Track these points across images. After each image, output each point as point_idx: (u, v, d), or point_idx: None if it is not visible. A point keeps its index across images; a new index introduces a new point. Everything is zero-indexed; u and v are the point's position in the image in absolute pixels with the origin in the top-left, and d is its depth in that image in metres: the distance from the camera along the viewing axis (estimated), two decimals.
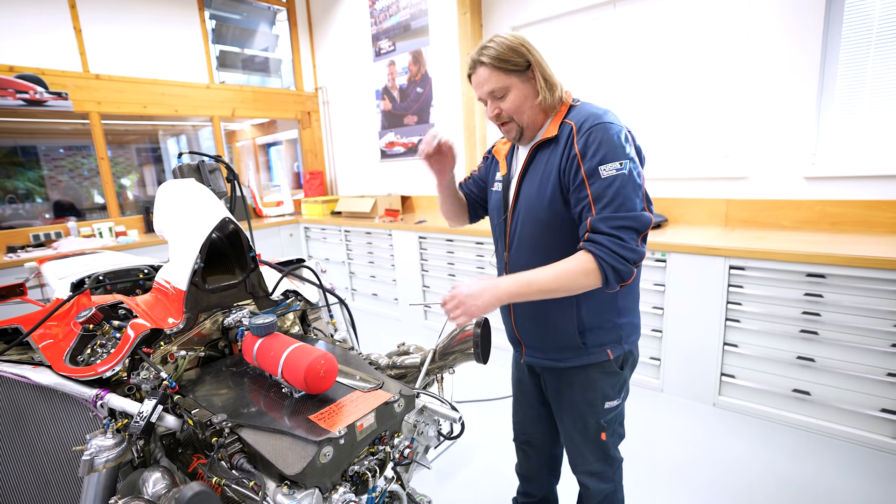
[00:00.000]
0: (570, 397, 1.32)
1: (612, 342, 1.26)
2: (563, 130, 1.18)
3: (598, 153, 1.09)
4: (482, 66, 1.18)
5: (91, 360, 1.08)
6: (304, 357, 0.99)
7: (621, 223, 1.06)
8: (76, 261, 2.04)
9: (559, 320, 1.25)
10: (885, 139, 2.44)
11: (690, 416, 2.47)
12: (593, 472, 1.38)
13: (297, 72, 5.69)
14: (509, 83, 1.17)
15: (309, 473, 0.83)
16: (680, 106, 3.06)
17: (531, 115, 1.21)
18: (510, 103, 1.19)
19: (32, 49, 3.76)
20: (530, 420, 1.53)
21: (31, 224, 4.36)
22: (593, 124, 1.12)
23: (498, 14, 3.83)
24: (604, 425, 1.32)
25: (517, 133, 1.24)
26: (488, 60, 1.16)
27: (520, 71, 1.17)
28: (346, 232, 4.63)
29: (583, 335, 1.24)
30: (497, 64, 1.15)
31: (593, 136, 1.11)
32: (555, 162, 1.17)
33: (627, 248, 1.06)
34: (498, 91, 1.18)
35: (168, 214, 1.35)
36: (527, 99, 1.19)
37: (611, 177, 1.08)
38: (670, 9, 3.00)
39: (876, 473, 1.97)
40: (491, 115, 1.23)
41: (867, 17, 2.40)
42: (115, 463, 0.92)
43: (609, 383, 1.29)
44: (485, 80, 1.18)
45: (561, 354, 1.28)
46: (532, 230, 1.23)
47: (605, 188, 1.08)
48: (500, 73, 1.16)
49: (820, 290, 2.15)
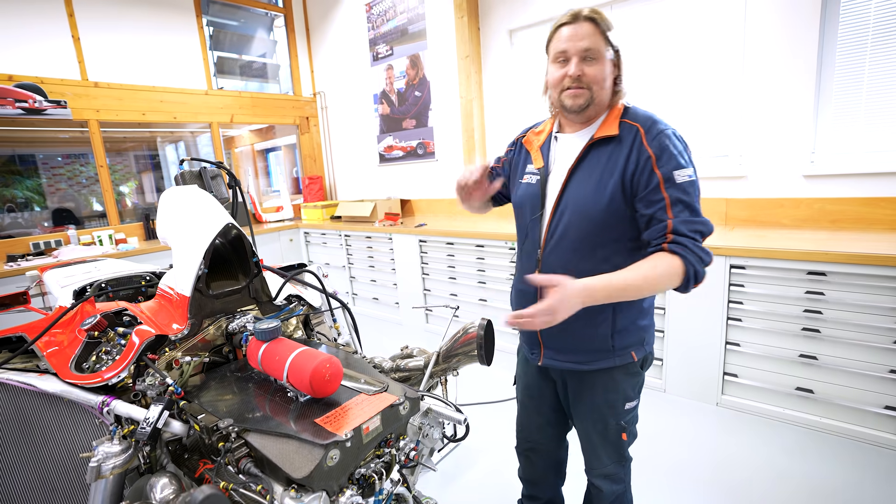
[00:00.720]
0: (591, 399, 1.30)
1: (636, 344, 1.26)
2: (627, 131, 1.17)
3: (673, 159, 1.12)
4: (588, 22, 1.15)
5: (96, 366, 1.08)
6: (309, 361, 0.99)
7: (697, 227, 1.10)
8: (77, 269, 2.04)
9: (595, 322, 1.22)
10: (882, 136, 2.45)
11: (694, 416, 2.47)
12: (607, 474, 1.37)
13: (295, 77, 5.70)
14: (604, 52, 1.16)
15: (316, 476, 0.83)
16: (678, 106, 3.08)
17: (604, 96, 1.20)
18: (598, 71, 1.16)
19: (31, 58, 3.77)
20: (537, 427, 1.50)
21: (31, 233, 4.36)
22: (662, 129, 1.15)
23: (495, 17, 3.85)
24: (624, 426, 1.31)
25: (586, 101, 1.18)
26: (595, 16, 1.15)
27: (612, 49, 1.18)
28: (346, 236, 4.63)
29: (613, 337, 1.23)
30: (603, 27, 1.15)
31: (665, 141, 1.13)
32: (618, 161, 1.15)
33: (706, 251, 1.10)
34: (593, 51, 1.15)
35: (171, 221, 1.36)
36: (608, 77, 1.19)
37: (685, 182, 1.11)
38: (667, 10, 3.02)
39: (880, 470, 1.97)
40: (574, 72, 1.16)
41: (863, 16, 2.42)
42: (121, 469, 0.92)
43: (630, 384, 1.29)
44: (586, 35, 1.14)
45: (587, 357, 1.26)
46: (581, 229, 1.19)
47: (682, 193, 1.10)
48: (601, 37, 1.15)
49: (821, 287, 2.16)
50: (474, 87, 3.99)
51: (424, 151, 4.66)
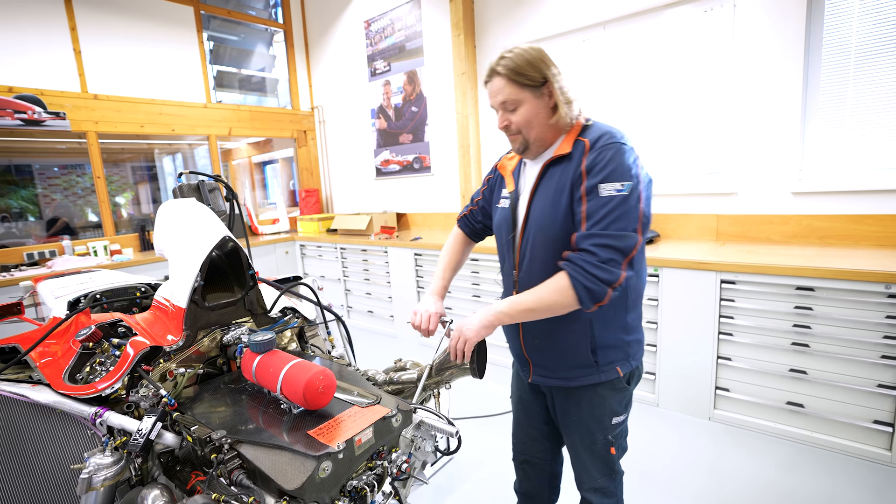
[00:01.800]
0: (577, 415, 1.31)
1: (621, 359, 1.26)
2: (577, 148, 1.17)
3: (603, 171, 1.09)
4: (497, 77, 1.18)
5: (90, 377, 1.08)
6: (303, 373, 1.00)
7: (604, 241, 1.06)
8: (72, 279, 2.05)
9: (573, 339, 1.23)
10: (867, 155, 2.51)
11: (686, 430, 2.48)
12: (598, 488, 1.37)
13: (293, 91, 5.77)
14: (522, 97, 1.17)
15: (308, 488, 0.84)
16: (670, 124, 3.14)
17: (539, 132, 1.20)
18: (520, 117, 1.19)
19: (32, 70, 3.80)
20: (531, 439, 1.51)
21: (25, 243, 4.34)
22: (606, 142, 1.13)
23: (491, 36, 3.93)
24: (612, 440, 1.31)
25: (522, 145, 1.23)
26: (504, 71, 1.16)
27: (534, 86, 1.16)
28: (342, 249, 4.64)
29: (595, 353, 1.23)
30: (512, 76, 1.15)
31: (602, 154, 1.11)
32: (567, 178, 1.16)
33: (603, 267, 1.05)
34: (510, 103, 1.18)
35: (169, 233, 1.37)
36: (537, 115, 1.18)
37: (608, 196, 1.07)
38: (659, 31, 3.10)
39: (870, 485, 1.98)
40: (500, 125, 1.23)
41: (845, 39, 2.49)
42: (113, 481, 0.93)
43: (617, 399, 1.29)
44: (498, 91, 1.18)
45: (571, 373, 1.27)
46: (544, 248, 1.21)
47: (600, 207, 1.08)
48: (514, 85, 1.16)
49: (810, 302, 2.19)
50: (470, 103, 4.05)
51: (421, 166, 4.70)
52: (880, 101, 2.44)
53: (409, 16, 4.47)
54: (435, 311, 1.39)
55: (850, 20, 2.47)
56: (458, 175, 4.33)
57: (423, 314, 1.38)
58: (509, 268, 1.34)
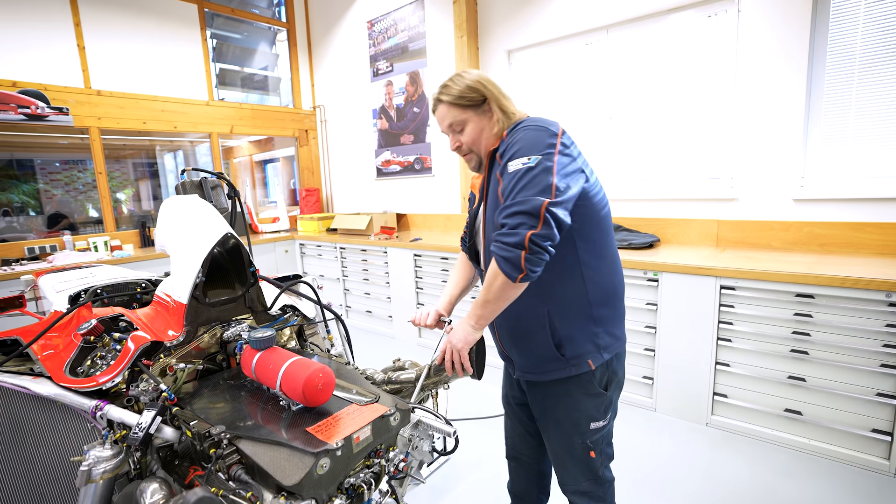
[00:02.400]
0: (554, 416, 1.33)
1: (591, 352, 1.25)
2: (502, 143, 1.23)
3: (511, 150, 1.14)
4: (441, 104, 1.26)
5: (91, 371, 1.09)
6: (302, 370, 1.01)
7: (510, 210, 1.08)
8: (73, 274, 2.05)
9: (535, 333, 1.26)
10: (870, 163, 2.52)
11: (683, 436, 2.48)
12: (583, 491, 1.37)
13: (295, 90, 5.78)
14: (465, 117, 1.25)
15: (306, 484, 0.84)
16: (671, 129, 3.15)
17: (488, 145, 1.27)
18: (467, 135, 1.26)
19: (36, 65, 3.81)
20: (519, 436, 1.55)
21: (26, 237, 4.35)
22: (518, 126, 1.19)
23: (494, 38, 3.94)
24: (590, 445, 1.32)
25: (477, 163, 1.31)
26: (446, 98, 1.25)
27: (476, 105, 1.24)
28: (342, 249, 4.65)
29: (560, 347, 1.25)
30: (454, 101, 1.23)
31: (511, 137, 1.17)
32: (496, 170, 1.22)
33: (510, 233, 1.05)
34: (456, 125, 1.26)
35: (171, 229, 1.38)
36: (483, 130, 1.25)
37: (514, 171, 1.10)
38: (662, 36, 3.11)
39: (867, 493, 1.98)
40: (452, 147, 1.31)
41: (850, 46, 2.50)
42: (112, 474, 0.93)
43: (594, 405, 1.28)
44: (443, 116, 1.27)
45: (542, 367, 1.29)
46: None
47: (509, 182, 1.11)
48: (456, 108, 1.24)
49: (810, 310, 2.19)
50: None
51: (422, 167, 4.71)
52: (884, 108, 2.45)
53: (413, 17, 4.48)
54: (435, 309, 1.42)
55: (854, 27, 2.47)
56: (458, 177, 4.33)
57: (423, 311, 1.44)
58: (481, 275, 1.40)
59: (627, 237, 3.08)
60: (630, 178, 3.38)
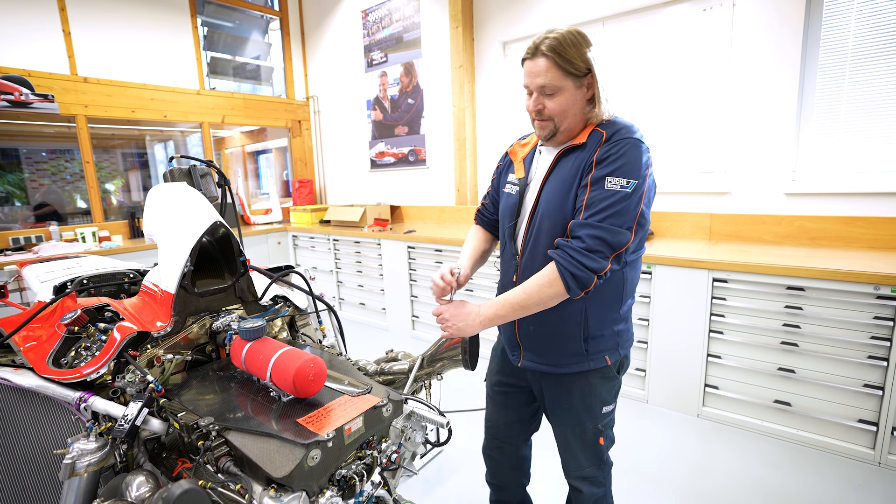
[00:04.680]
0: (569, 403, 1.31)
1: (611, 349, 1.26)
2: (593, 138, 1.15)
3: (613, 164, 1.08)
4: (542, 57, 1.12)
5: (75, 362, 1.06)
6: (293, 360, 0.99)
7: (597, 233, 1.06)
8: (59, 264, 2.01)
9: (568, 328, 1.23)
10: (860, 158, 2.53)
11: (675, 427, 2.50)
12: (587, 476, 1.38)
13: (288, 80, 5.70)
14: (563, 84, 1.13)
15: (296, 476, 0.83)
16: (665, 122, 3.14)
17: (572, 122, 1.17)
18: (557, 105, 1.15)
19: (19, 51, 3.72)
20: (506, 422, 1.52)
21: (10, 228, 4.27)
22: (623, 136, 1.11)
23: (489, 29, 3.90)
24: (601, 430, 1.32)
25: (551, 132, 1.19)
26: (550, 53, 1.10)
27: (578, 75, 1.13)
28: (335, 241, 4.61)
29: (587, 342, 1.24)
30: (558, 60, 1.11)
31: (616, 147, 1.09)
32: (579, 166, 1.15)
33: (590, 256, 1.06)
34: (549, 88, 1.14)
35: (158, 217, 1.35)
36: (575, 104, 1.15)
37: (611, 190, 1.07)
38: (657, 28, 3.09)
39: (854, 483, 2.00)
40: (532, 107, 1.18)
41: (842, 42, 2.50)
42: (97, 467, 0.91)
43: (607, 388, 1.30)
44: (540, 73, 1.13)
45: (562, 360, 1.27)
46: (550, 234, 1.19)
47: (602, 199, 1.07)
48: (557, 70, 1.11)
49: (800, 302, 2.21)
50: (467, 96, 4.03)
51: (416, 158, 4.68)
52: (875, 104, 2.46)
53: (408, 6, 4.43)
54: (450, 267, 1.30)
55: (847, 23, 2.48)
56: (453, 169, 4.31)
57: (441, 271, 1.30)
58: (510, 254, 1.32)
59: None
60: None
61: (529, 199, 1.26)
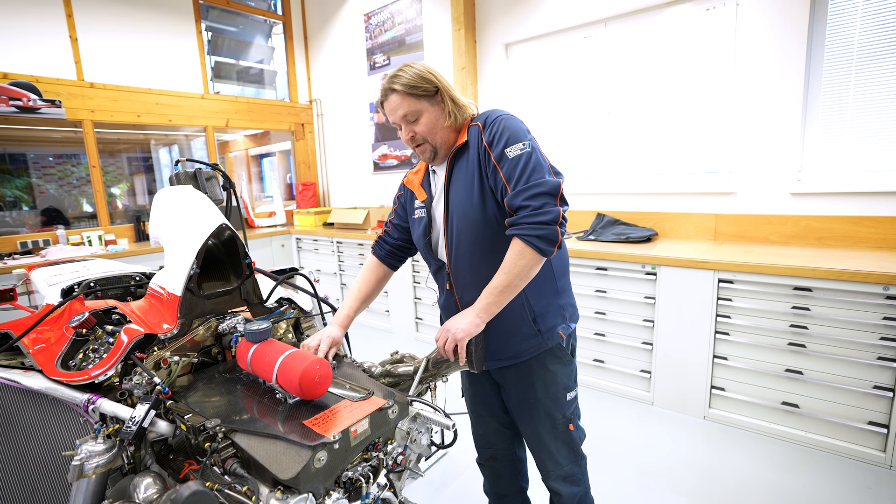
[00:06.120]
0: (534, 397, 1.35)
1: (560, 323, 1.34)
2: (472, 133, 1.26)
3: (502, 139, 1.18)
4: (394, 94, 1.24)
5: (83, 364, 1.07)
6: (299, 363, 0.99)
7: (532, 191, 1.13)
8: (66, 268, 2.02)
9: (515, 314, 1.28)
10: (867, 157, 2.51)
11: (681, 429, 2.48)
12: (566, 475, 1.40)
13: (291, 84, 5.73)
14: (420, 107, 1.24)
15: (303, 478, 0.83)
16: (670, 122, 3.13)
17: (443, 135, 1.27)
18: (423, 125, 1.25)
19: (27, 57, 3.75)
20: (494, 431, 1.54)
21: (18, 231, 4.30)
22: (495, 117, 1.23)
23: (492, 31, 3.91)
24: (570, 417, 1.37)
25: (431, 153, 1.30)
26: (400, 87, 1.22)
27: (429, 96, 1.24)
28: (339, 243, 4.62)
29: (536, 322, 1.30)
30: (408, 90, 1.22)
31: (496, 126, 1.21)
32: (473, 161, 1.24)
33: (541, 211, 1.11)
34: (410, 115, 1.25)
35: (165, 220, 1.35)
36: (439, 120, 1.26)
37: (516, 156, 1.16)
38: (660, 29, 3.09)
39: (864, 485, 1.98)
40: (406, 137, 1.29)
41: (848, 40, 2.49)
42: (105, 469, 0.91)
43: (566, 373, 1.36)
44: (397, 106, 1.25)
45: (521, 347, 1.32)
46: (470, 233, 1.26)
47: (514, 167, 1.16)
48: (411, 98, 1.23)
49: (807, 303, 2.19)
50: (470, 98, 4.03)
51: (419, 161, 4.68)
52: (882, 103, 2.44)
53: (410, 9, 4.45)
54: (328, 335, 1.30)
55: (853, 22, 2.46)
56: None
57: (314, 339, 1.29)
58: (437, 267, 1.39)
59: (625, 231, 3.07)
60: (628, 172, 3.37)
61: (439, 209, 1.34)
